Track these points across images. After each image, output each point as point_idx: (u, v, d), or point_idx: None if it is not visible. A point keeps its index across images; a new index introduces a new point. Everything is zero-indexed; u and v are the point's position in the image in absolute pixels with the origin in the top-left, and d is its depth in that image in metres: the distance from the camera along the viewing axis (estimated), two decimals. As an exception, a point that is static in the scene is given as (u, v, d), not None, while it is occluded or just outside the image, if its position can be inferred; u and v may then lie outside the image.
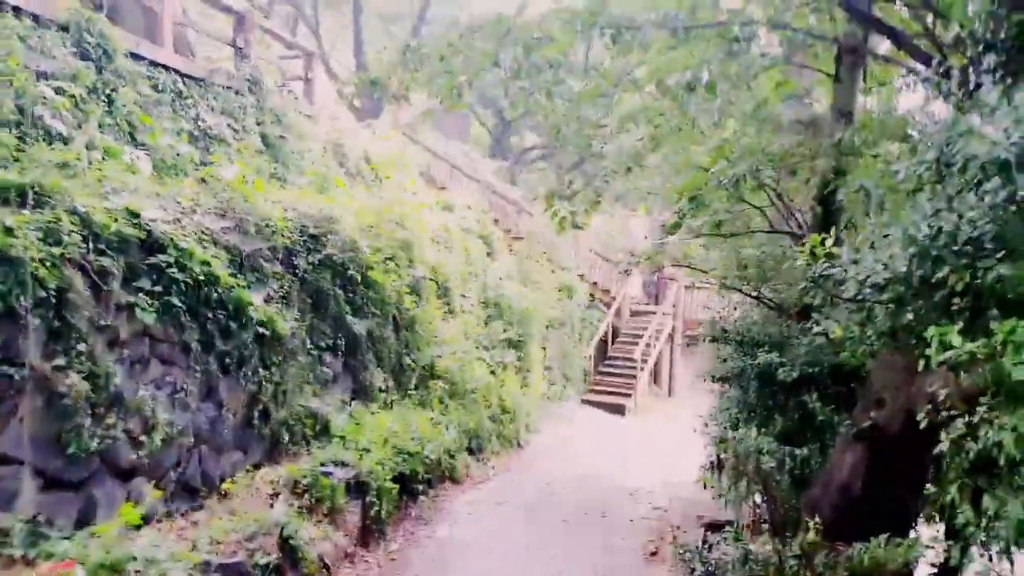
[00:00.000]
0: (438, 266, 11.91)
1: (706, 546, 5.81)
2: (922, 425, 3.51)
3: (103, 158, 5.59)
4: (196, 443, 5.43)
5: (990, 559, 3.70)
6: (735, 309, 8.64)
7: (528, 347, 14.12)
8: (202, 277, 5.49)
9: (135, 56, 7.21)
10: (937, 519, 5.17)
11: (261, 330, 6.37)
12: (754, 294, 7.94)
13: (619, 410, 16.10)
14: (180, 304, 5.27)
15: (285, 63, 13.62)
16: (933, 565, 4.38)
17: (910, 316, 3.33)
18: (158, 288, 5.08)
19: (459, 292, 12.92)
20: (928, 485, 3.88)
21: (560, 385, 16.48)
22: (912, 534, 4.53)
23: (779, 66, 7.98)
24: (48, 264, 4.18)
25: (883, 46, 7.73)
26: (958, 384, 3.18)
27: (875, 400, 4.27)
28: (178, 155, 6.85)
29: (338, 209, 8.28)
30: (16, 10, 6.21)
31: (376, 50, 25.34)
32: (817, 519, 4.25)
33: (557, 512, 8.28)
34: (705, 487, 5.85)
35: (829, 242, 4.00)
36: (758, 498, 5.56)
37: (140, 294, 4.85)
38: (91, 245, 4.50)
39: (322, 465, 6.22)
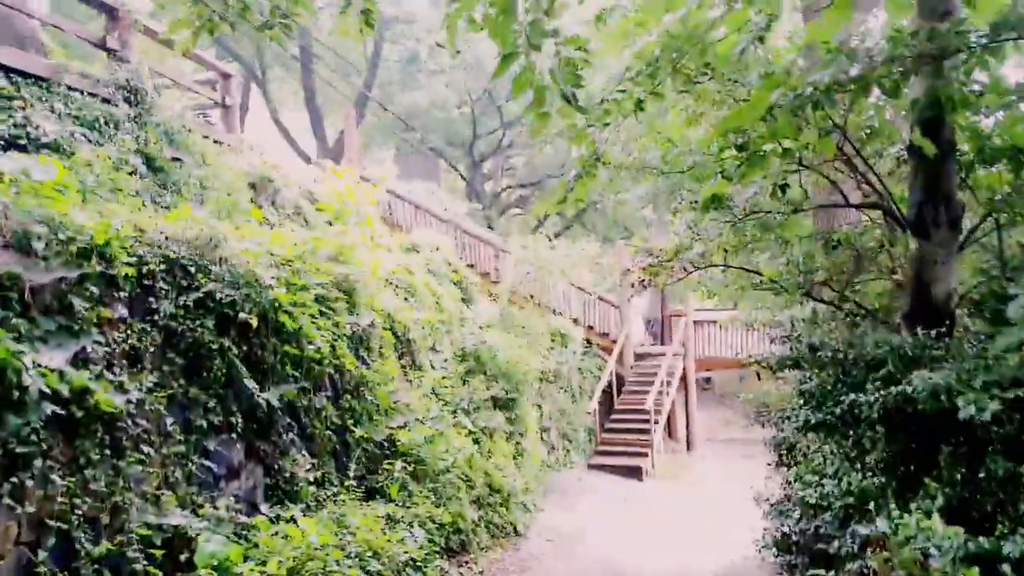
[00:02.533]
0: (396, 313, 9.47)
1: None
2: None
3: None
4: None
5: None
6: (792, 326, 6.21)
7: (519, 406, 11.53)
8: None
9: None
10: None
11: (60, 410, 3.85)
12: (827, 300, 5.54)
13: (635, 473, 13.40)
14: None
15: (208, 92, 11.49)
16: None
17: None
18: None
19: (426, 346, 10.43)
20: None
21: (562, 449, 13.81)
22: None
23: None
24: None
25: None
26: None
27: None
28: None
29: (226, 230, 5.88)
30: None
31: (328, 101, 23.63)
32: None
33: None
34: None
35: None
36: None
37: None
38: None
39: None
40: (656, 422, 14.47)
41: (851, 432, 4.28)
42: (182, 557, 4.48)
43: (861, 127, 4.71)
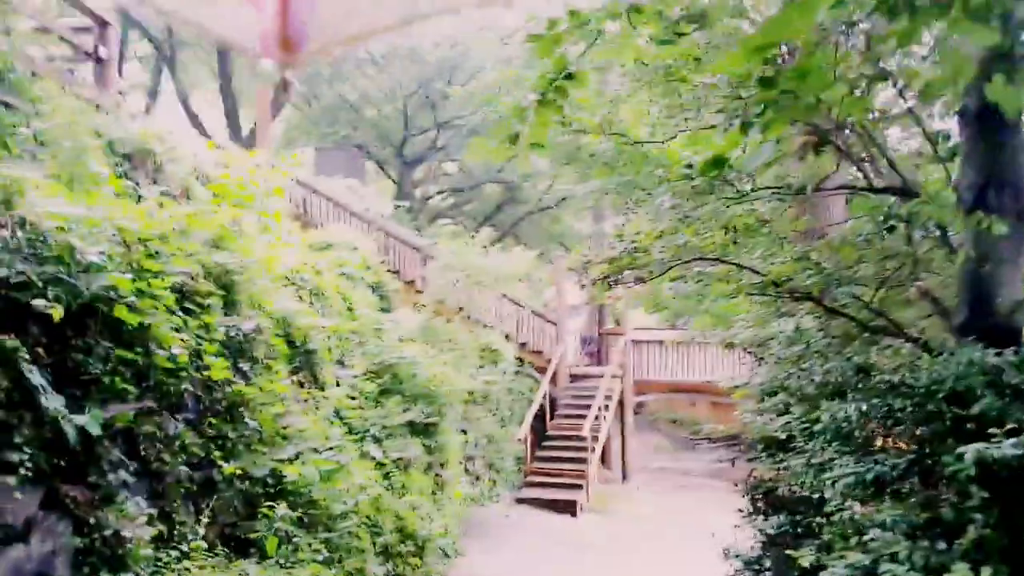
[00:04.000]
0: (293, 318, 7.78)
1: None
2: None
3: None
4: None
5: None
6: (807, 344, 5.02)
7: (441, 432, 9.98)
8: None
9: None
10: None
11: None
12: (837, 307, 4.37)
13: (568, 508, 12.05)
14: None
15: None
16: None
17: None
18: None
19: (332, 359, 8.76)
20: None
21: (488, 480, 12.31)
22: None
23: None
24: None
25: None
26: None
27: None
28: None
29: (31, 181, 4.15)
30: None
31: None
32: None
33: None
34: None
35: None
36: None
37: None
38: None
39: None
40: (592, 450, 13.22)
41: (896, 493, 3.03)
42: None
43: (914, 76, 3.58)
